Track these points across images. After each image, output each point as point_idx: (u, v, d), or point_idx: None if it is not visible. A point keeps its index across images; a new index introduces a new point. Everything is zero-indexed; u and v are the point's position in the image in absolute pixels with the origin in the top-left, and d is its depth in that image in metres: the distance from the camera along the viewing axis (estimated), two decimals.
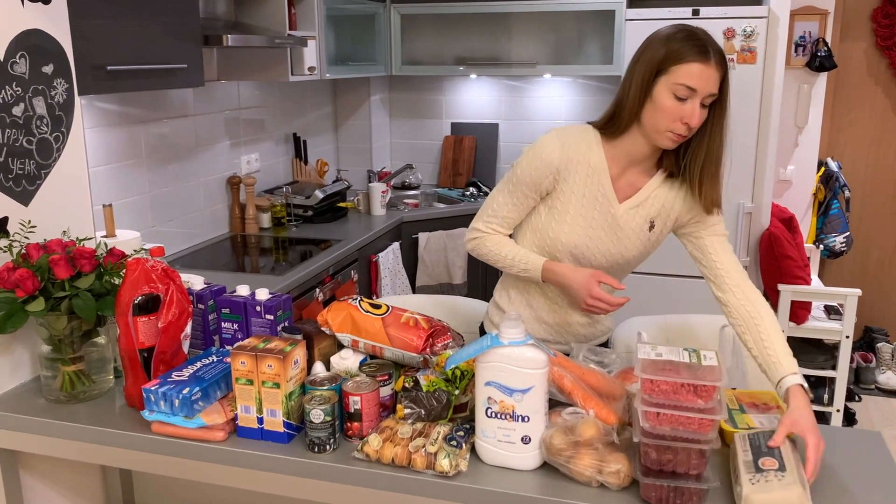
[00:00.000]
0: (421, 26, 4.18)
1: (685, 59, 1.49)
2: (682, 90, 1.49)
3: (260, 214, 3.37)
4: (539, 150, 1.64)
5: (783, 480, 1.16)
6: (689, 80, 1.48)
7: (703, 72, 1.48)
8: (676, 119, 1.51)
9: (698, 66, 1.48)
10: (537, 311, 1.81)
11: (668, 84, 1.50)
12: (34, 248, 1.56)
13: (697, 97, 1.50)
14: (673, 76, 1.50)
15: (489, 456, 1.33)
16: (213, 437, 1.42)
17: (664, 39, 1.53)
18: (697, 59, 1.48)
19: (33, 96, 1.65)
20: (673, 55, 1.50)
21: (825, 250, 3.92)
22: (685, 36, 1.52)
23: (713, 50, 1.50)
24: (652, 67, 1.52)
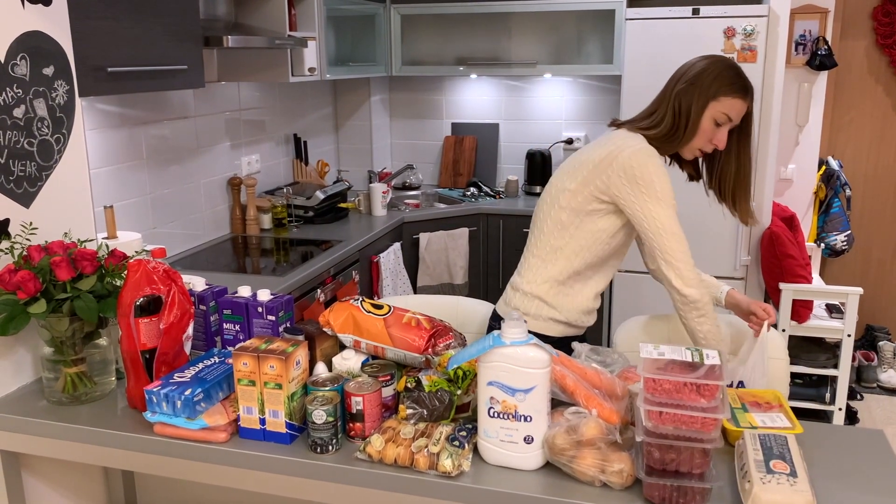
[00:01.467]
0: (421, 27, 4.18)
1: (735, 94, 1.75)
2: (723, 118, 1.76)
3: (261, 215, 3.38)
4: (664, 169, 1.76)
5: (795, 486, 1.16)
6: (732, 112, 1.75)
7: (742, 107, 1.76)
8: (708, 141, 1.79)
9: (741, 103, 1.76)
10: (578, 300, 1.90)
11: (713, 111, 1.76)
12: (35, 250, 1.56)
13: (729, 126, 1.77)
14: (720, 106, 1.75)
15: (492, 456, 1.33)
16: (216, 438, 1.42)
17: (718, 71, 1.76)
18: (741, 96, 1.75)
19: (34, 98, 1.65)
20: (727, 90, 1.75)
21: (826, 249, 3.91)
22: (735, 72, 1.77)
23: (750, 89, 1.77)
24: (709, 95, 1.75)
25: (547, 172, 4.21)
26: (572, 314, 1.90)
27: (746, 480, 1.20)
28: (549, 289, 1.89)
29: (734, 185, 1.84)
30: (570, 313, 1.90)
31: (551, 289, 1.88)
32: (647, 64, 3.41)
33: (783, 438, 1.30)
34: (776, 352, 1.86)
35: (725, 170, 1.85)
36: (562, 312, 1.89)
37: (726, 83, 1.74)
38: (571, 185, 1.82)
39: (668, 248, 1.72)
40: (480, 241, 3.95)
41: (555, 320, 1.90)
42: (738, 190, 1.85)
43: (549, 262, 1.88)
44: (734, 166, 1.83)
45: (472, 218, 3.90)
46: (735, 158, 1.83)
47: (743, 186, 1.85)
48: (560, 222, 1.84)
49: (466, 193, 4.20)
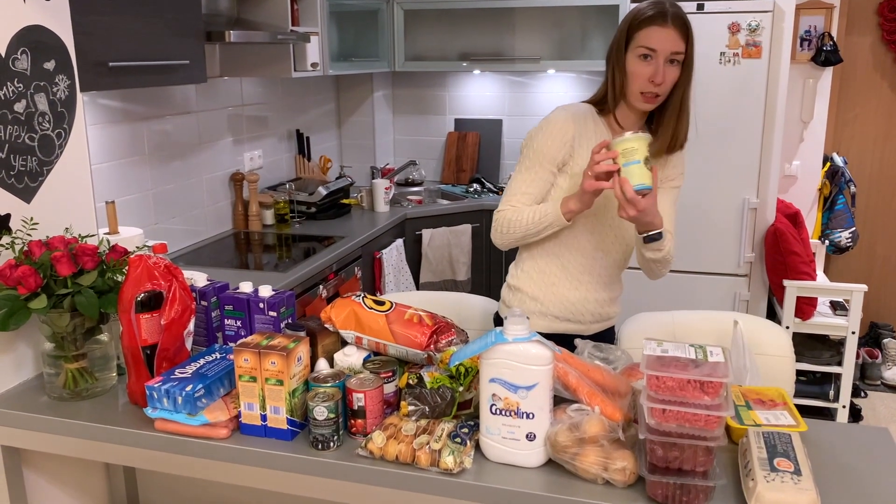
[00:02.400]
0: (424, 22, 4.17)
1: (643, 26, 1.66)
2: (644, 50, 1.66)
3: (263, 211, 3.37)
4: (553, 124, 1.78)
5: (799, 485, 1.15)
6: (649, 41, 1.66)
7: (661, 33, 1.65)
8: (644, 79, 1.67)
9: (656, 28, 1.65)
10: (560, 289, 1.86)
11: (633, 50, 1.68)
12: (36, 246, 1.55)
13: (660, 57, 1.65)
14: (635, 41, 1.68)
15: (494, 453, 1.33)
16: (217, 434, 1.42)
17: (630, 13, 1.71)
18: (653, 23, 1.65)
19: (35, 93, 1.64)
20: (634, 24, 1.68)
21: (831, 246, 3.90)
22: (645, 5, 1.69)
23: (671, 13, 1.66)
24: (621, 40, 1.70)
25: None
26: (554, 304, 1.86)
27: (750, 478, 1.19)
28: (529, 279, 1.88)
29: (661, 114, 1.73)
30: (552, 303, 1.86)
31: (530, 279, 1.88)
32: None
33: (787, 436, 1.29)
34: (781, 349, 1.85)
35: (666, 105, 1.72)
36: (543, 303, 1.86)
37: (637, 15, 1.67)
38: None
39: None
40: (483, 237, 3.94)
41: (537, 313, 1.87)
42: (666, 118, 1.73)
43: (524, 249, 1.90)
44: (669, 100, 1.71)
45: (474, 214, 3.89)
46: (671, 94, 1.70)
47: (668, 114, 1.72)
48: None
49: (469, 190, 4.19)
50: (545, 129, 1.79)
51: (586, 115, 1.80)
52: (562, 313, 1.88)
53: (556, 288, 1.86)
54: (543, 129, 1.79)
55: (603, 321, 1.93)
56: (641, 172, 1.55)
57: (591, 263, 1.85)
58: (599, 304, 1.90)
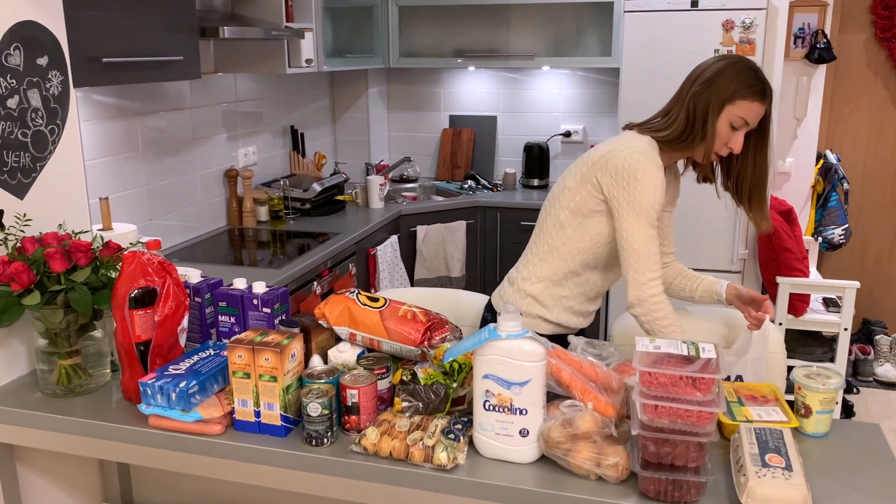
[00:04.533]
0: (419, 18, 4.16)
1: (752, 98, 1.69)
2: (740, 122, 1.70)
3: (257, 207, 3.37)
4: (657, 177, 1.71)
5: (790, 480, 1.16)
6: (748, 115, 1.70)
7: (759, 110, 1.71)
8: (724, 144, 1.74)
9: (759, 106, 1.70)
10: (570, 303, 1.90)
11: (729, 114, 1.70)
12: (30, 242, 1.55)
13: (746, 129, 1.72)
14: (736, 109, 1.69)
15: (487, 449, 1.33)
16: (210, 430, 1.42)
17: (735, 74, 1.70)
18: (759, 99, 1.69)
19: (28, 88, 1.64)
20: (744, 93, 1.68)
21: (824, 243, 3.91)
22: (753, 74, 1.70)
23: (768, 92, 1.71)
24: (725, 98, 1.69)
25: (545, 165, 4.20)
26: (563, 315, 1.89)
27: (742, 474, 1.20)
28: (543, 288, 1.87)
29: (751, 188, 1.81)
30: (560, 314, 1.89)
31: (545, 289, 1.87)
32: (645, 56, 3.40)
33: (779, 432, 1.30)
34: (773, 345, 1.86)
35: (742, 172, 1.81)
36: (552, 312, 1.88)
37: (744, 86, 1.68)
38: (571, 182, 1.81)
39: (628, 267, 1.72)
40: (478, 233, 3.94)
41: (544, 319, 1.89)
42: (755, 194, 1.81)
43: (545, 260, 1.86)
44: (751, 170, 1.79)
45: (469, 211, 3.90)
46: (752, 161, 1.78)
47: (759, 190, 1.81)
48: (559, 221, 1.83)
49: (464, 186, 4.19)
50: (655, 179, 1.70)
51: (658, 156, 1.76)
52: (565, 322, 1.91)
53: (566, 301, 1.89)
54: (655, 180, 1.70)
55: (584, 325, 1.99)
56: None
57: (603, 285, 1.92)
58: (590, 314, 1.98)
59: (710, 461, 1.23)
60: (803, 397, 1.41)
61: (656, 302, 1.71)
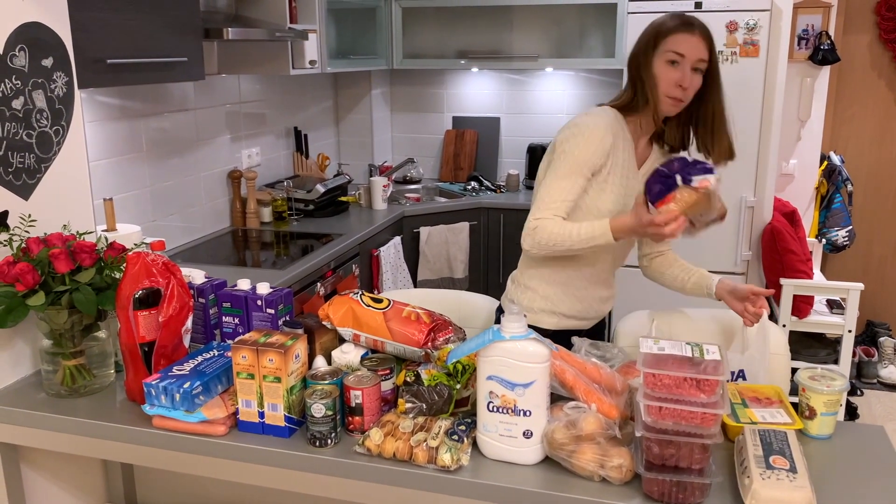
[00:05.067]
0: (422, 19, 4.16)
1: (672, 32, 1.73)
2: (673, 55, 1.72)
3: (261, 208, 3.37)
4: (593, 132, 1.76)
5: (794, 482, 1.16)
6: (678, 46, 1.72)
7: (688, 39, 1.72)
8: (672, 83, 1.73)
9: (683, 35, 1.73)
10: (571, 289, 1.90)
11: (661, 55, 1.74)
12: (34, 242, 1.55)
13: (687, 62, 1.72)
14: (663, 46, 1.74)
15: (491, 450, 1.33)
16: (214, 431, 1.42)
17: (655, 22, 1.78)
18: (682, 29, 1.73)
19: (33, 89, 1.64)
20: (663, 31, 1.75)
21: (827, 244, 3.91)
22: (670, 16, 1.77)
23: (696, 22, 1.75)
24: (648, 47, 1.76)
25: None
26: (566, 303, 1.89)
27: (746, 476, 1.20)
28: (542, 279, 1.89)
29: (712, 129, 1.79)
30: (563, 302, 1.89)
31: (543, 278, 1.89)
32: None
33: (783, 434, 1.30)
34: (777, 347, 1.86)
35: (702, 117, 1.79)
36: (554, 302, 1.89)
37: (665, 24, 1.74)
38: (544, 162, 1.87)
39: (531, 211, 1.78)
40: (481, 235, 3.94)
41: (548, 311, 1.90)
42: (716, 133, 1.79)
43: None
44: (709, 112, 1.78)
45: (472, 212, 3.90)
46: (708, 104, 1.78)
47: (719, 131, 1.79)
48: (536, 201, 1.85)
49: (467, 187, 4.19)
50: (585, 136, 1.76)
51: (614, 122, 1.80)
52: (570, 311, 1.91)
53: (567, 288, 1.89)
54: (583, 137, 1.76)
55: (599, 317, 2.00)
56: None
57: (602, 265, 1.90)
58: (601, 301, 1.97)
59: (715, 463, 1.22)
60: (808, 399, 1.41)
61: (534, 227, 1.75)
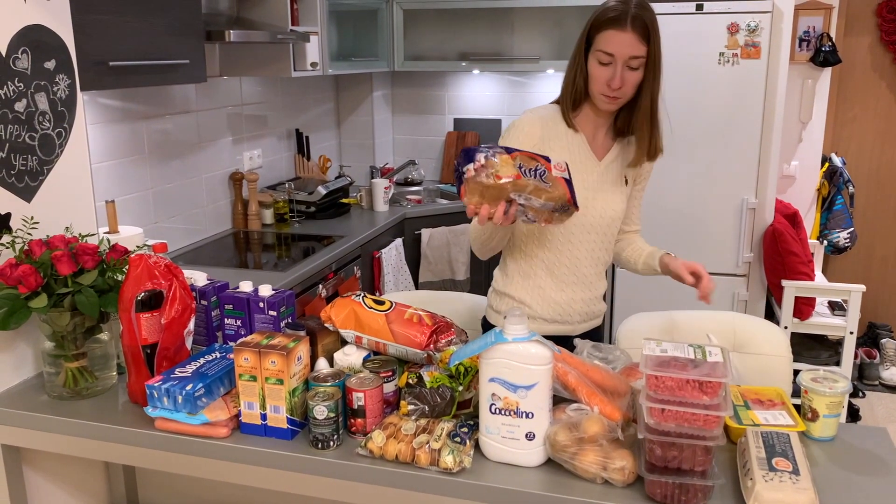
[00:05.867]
0: (423, 22, 4.17)
1: (602, 28, 1.65)
2: (603, 56, 1.65)
3: (262, 210, 3.37)
4: (518, 127, 1.76)
5: (797, 484, 1.16)
6: (607, 45, 1.64)
7: (618, 37, 1.63)
8: (604, 83, 1.67)
9: (613, 32, 1.63)
10: (547, 291, 1.85)
11: (593, 53, 1.68)
12: (37, 245, 1.55)
13: (618, 62, 1.64)
14: (595, 44, 1.67)
15: (493, 452, 1.33)
16: (217, 433, 1.42)
17: (593, 13, 1.68)
18: (612, 26, 1.63)
19: (35, 92, 1.65)
20: (596, 26, 1.66)
21: (829, 246, 3.90)
22: (605, 7, 1.66)
23: (630, 17, 1.62)
24: (583, 41, 1.70)
25: None
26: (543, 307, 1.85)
27: (749, 478, 1.20)
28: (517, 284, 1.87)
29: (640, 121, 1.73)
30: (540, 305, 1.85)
31: (518, 284, 1.87)
32: None
33: (786, 436, 1.30)
34: (779, 349, 1.86)
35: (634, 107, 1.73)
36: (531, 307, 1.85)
37: (598, 16, 1.65)
38: None
39: None
40: None
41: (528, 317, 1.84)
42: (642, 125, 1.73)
43: (508, 254, 1.90)
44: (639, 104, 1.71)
45: None
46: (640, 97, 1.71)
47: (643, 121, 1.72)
48: None
49: None
50: (511, 132, 1.77)
51: (554, 116, 1.79)
52: (550, 315, 1.87)
53: (542, 291, 1.85)
54: (510, 132, 1.77)
55: (590, 320, 1.93)
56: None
57: (575, 263, 1.84)
58: (585, 303, 1.89)
59: (717, 465, 1.22)
60: (810, 401, 1.41)
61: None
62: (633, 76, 1.66)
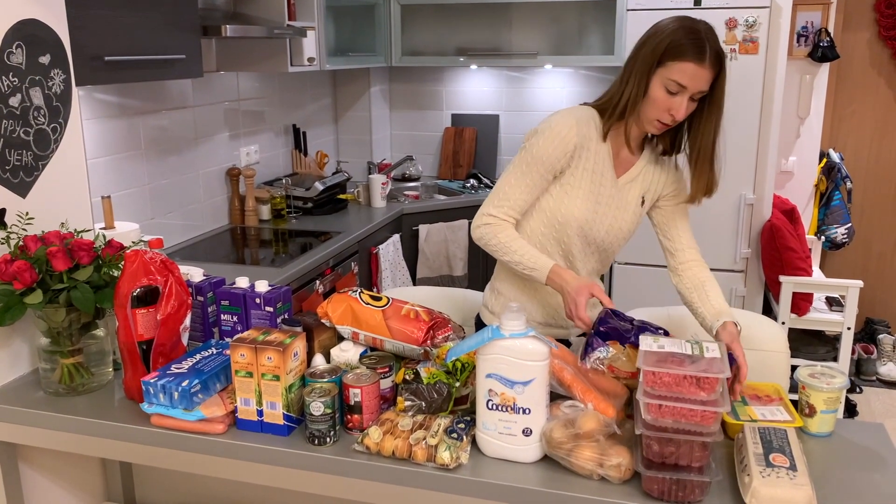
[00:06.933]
0: (421, 17, 4.16)
1: (682, 57, 1.55)
2: (674, 86, 1.57)
3: (259, 206, 3.36)
4: (556, 130, 1.67)
5: (794, 480, 1.16)
6: (682, 77, 1.55)
7: (696, 72, 1.55)
8: (664, 110, 1.60)
9: (692, 66, 1.54)
10: (542, 294, 1.83)
11: (662, 77, 1.58)
12: (32, 240, 1.55)
13: (687, 93, 1.57)
14: (668, 71, 1.57)
15: (490, 448, 1.33)
16: (213, 429, 1.42)
17: (668, 33, 1.58)
18: (693, 59, 1.54)
19: (30, 87, 1.64)
20: (672, 51, 1.56)
21: (827, 242, 3.90)
22: (687, 33, 1.56)
23: (711, 51, 1.55)
24: (652, 60, 1.58)
25: None
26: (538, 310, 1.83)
27: (746, 474, 1.20)
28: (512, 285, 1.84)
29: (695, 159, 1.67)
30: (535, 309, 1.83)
31: (513, 284, 1.84)
32: None
33: (783, 432, 1.29)
34: (776, 345, 1.86)
35: (692, 142, 1.67)
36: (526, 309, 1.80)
37: (675, 45, 1.54)
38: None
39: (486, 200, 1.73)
40: None
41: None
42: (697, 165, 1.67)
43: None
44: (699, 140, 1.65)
45: (471, 210, 3.88)
46: (700, 131, 1.64)
47: (700, 163, 1.67)
48: None
49: (466, 185, 4.19)
50: (547, 133, 1.67)
51: (590, 123, 1.69)
52: (544, 318, 1.85)
53: (537, 293, 1.83)
54: (545, 134, 1.67)
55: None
56: None
57: (572, 266, 1.80)
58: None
59: (714, 461, 1.22)
60: (807, 397, 1.41)
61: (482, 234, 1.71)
62: (692, 107, 1.60)
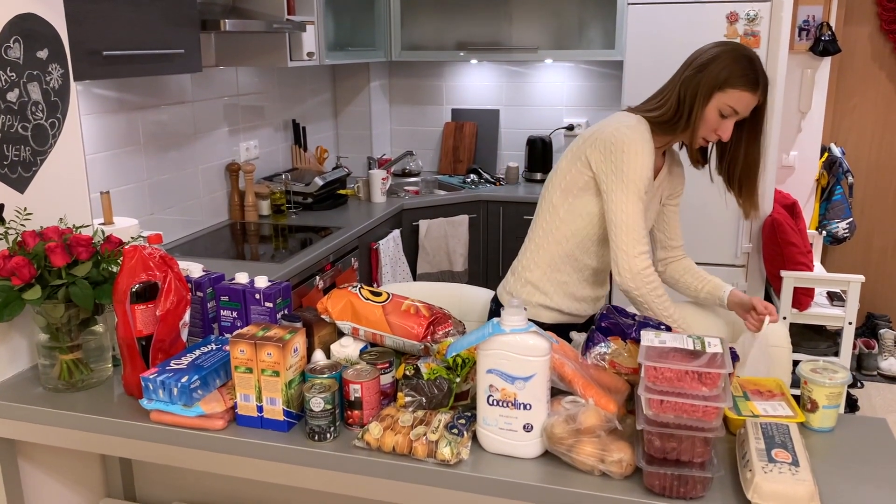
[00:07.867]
0: (421, 11, 4.14)
1: (741, 87, 1.68)
2: (728, 110, 1.70)
3: (259, 202, 3.36)
4: (644, 150, 1.72)
5: (797, 476, 1.15)
6: (738, 104, 1.70)
7: (750, 100, 1.70)
8: (712, 131, 1.74)
9: (748, 95, 1.69)
10: (570, 288, 1.90)
11: (719, 102, 1.70)
12: (30, 236, 1.54)
13: (736, 118, 1.72)
14: (726, 97, 1.69)
15: (491, 444, 1.32)
16: (213, 425, 1.41)
17: (729, 61, 1.69)
18: (750, 88, 1.69)
19: (28, 82, 1.63)
20: (734, 80, 1.68)
21: (828, 236, 3.90)
22: (747, 63, 1.69)
23: (762, 82, 1.70)
24: (713, 86, 1.70)
25: (548, 159, 4.19)
26: (564, 301, 1.89)
27: (748, 469, 1.19)
28: (542, 274, 1.88)
29: (741, 177, 1.81)
30: (562, 300, 1.89)
31: (544, 274, 1.88)
32: (649, 49, 3.38)
33: (785, 427, 1.29)
34: (778, 340, 1.85)
35: (734, 161, 1.80)
36: (552, 299, 1.88)
37: (735, 74, 1.68)
38: (563, 163, 1.84)
39: (618, 240, 1.72)
40: (480, 228, 3.93)
41: (545, 307, 1.89)
42: (745, 182, 1.81)
43: (542, 246, 1.88)
44: (742, 159, 1.79)
45: (472, 205, 3.88)
46: (744, 151, 1.78)
47: (749, 179, 1.81)
48: (552, 203, 1.85)
49: (466, 180, 4.18)
50: (642, 151, 1.71)
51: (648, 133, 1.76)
52: (568, 309, 1.91)
53: (566, 287, 1.89)
54: (638, 157, 1.71)
55: (593, 313, 1.98)
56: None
57: (601, 267, 1.90)
58: (595, 300, 1.97)
59: (716, 456, 1.22)
60: (809, 392, 1.40)
61: (649, 274, 1.73)
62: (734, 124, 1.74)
